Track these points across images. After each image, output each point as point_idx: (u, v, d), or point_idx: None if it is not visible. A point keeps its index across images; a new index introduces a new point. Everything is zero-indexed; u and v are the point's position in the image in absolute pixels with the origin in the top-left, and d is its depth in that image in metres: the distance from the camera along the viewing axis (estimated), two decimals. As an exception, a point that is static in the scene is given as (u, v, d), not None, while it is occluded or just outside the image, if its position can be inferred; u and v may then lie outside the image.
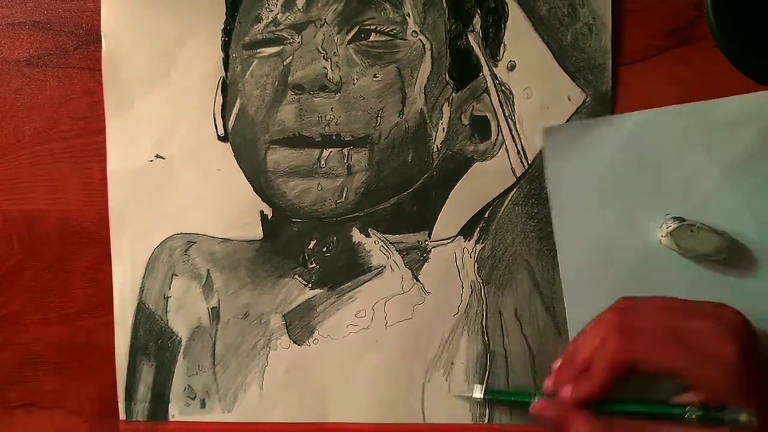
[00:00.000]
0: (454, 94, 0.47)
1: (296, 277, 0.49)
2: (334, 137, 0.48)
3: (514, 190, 0.47)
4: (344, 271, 0.49)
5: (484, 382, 0.48)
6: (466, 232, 0.48)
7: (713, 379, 0.36)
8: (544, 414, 0.41)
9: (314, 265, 0.49)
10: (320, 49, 0.47)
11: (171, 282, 0.50)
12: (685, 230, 0.44)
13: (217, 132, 0.49)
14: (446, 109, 0.47)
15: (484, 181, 0.47)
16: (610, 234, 0.46)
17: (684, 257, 0.45)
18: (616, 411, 0.39)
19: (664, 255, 0.45)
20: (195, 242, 0.50)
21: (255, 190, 0.49)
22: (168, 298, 0.50)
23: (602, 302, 0.41)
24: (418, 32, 0.47)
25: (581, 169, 0.46)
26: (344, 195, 0.48)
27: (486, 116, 0.47)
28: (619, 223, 0.46)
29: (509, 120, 0.47)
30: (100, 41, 0.49)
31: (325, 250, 0.49)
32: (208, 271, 0.50)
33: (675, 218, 0.45)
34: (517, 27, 0.46)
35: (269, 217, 0.49)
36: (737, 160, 0.45)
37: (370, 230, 0.49)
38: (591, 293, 0.46)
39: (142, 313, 0.50)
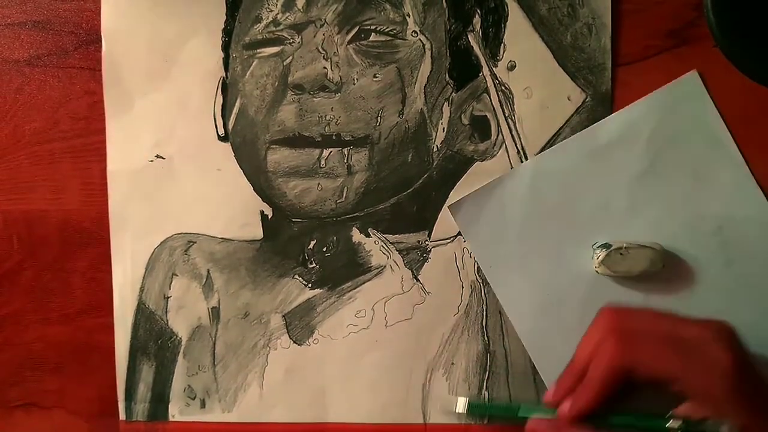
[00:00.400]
0: (454, 94, 0.47)
1: (296, 277, 0.49)
2: (334, 137, 0.48)
3: (514, 190, 0.47)
4: (344, 271, 0.49)
5: (484, 381, 0.48)
6: (466, 232, 0.48)
7: (710, 387, 0.36)
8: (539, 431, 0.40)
9: (314, 265, 0.49)
10: (320, 49, 0.47)
11: (171, 282, 0.50)
12: (615, 255, 0.44)
13: (217, 132, 0.49)
14: (446, 109, 0.47)
15: (483, 181, 0.47)
16: (548, 278, 0.47)
17: (626, 279, 0.45)
18: (615, 424, 0.38)
19: (607, 281, 0.46)
20: (195, 242, 0.50)
21: (255, 190, 0.49)
22: (168, 297, 0.50)
23: (563, 344, 0.42)
24: (418, 32, 0.47)
25: (499, 228, 0.47)
26: (344, 195, 0.48)
27: (486, 116, 0.47)
28: (553, 266, 0.47)
29: (509, 120, 0.47)
30: (100, 41, 0.49)
31: (325, 250, 0.49)
32: (208, 270, 0.50)
33: (602, 246, 0.45)
34: (517, 27, 0.47)
35: (269, 217, 0.49)
36: (638, 172, 0.46)
37: (370, 230, 0.49)
38: (550, 338, 0.47)
39: (142, 313, 0.50)
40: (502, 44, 0.47)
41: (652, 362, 0.36)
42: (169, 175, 0.50)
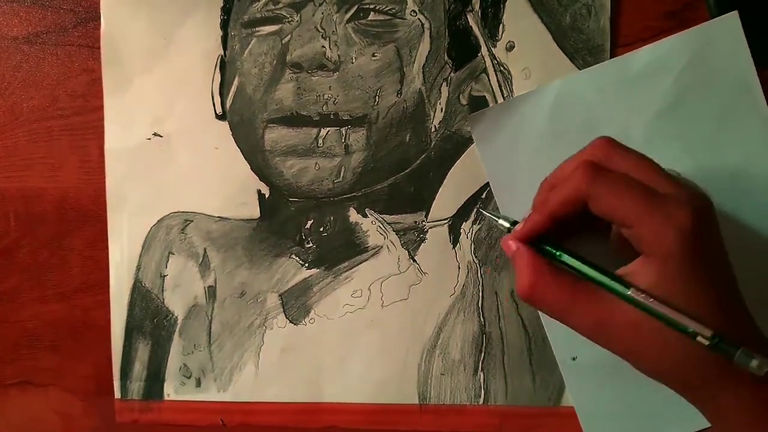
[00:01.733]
0: (452, 74, 0.47)
1: (293, 256, 0.49)
2: (332, 116, 0.48)
3: (512, 170, 0.47)
4: (341, 251, 0.49)
5: (480, 362, 0.48)
6: (463, 212, 0.48)
7: (663, 240, 0.32)
8: (505, 252, 0.37)
9: (311, 244, 0.49)
10: (319, 28, 0.47)
11: (168, 260, 0.50)
12: None
13: (215, 110, 0.49)
14: (444, 89, 0.47)
15: (481, 163, 0.47)
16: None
17: None
18: (566, 263, 0.36)
19: None
20: (192, 221, 0.50)
21: (252, 169, 0.49)
22: (164, 276, 0.50)
23: None
24: (417, 12, 0.47)
25: (514, 147, 0.46)
26: (342, 175, 0.48)
27: (484, 96, 0.47)
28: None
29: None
30: (99, 19, 0.49)
31: (322, 229, 0.49)
32: (204, 249, 0.50)
33: None
34: (516, 7, 0.46)
35: (266, 197, 0.49)
36: (661, 107, 0.45)
37: (367, 210, 0.49)
38: None
39: (138, 291, 0.50)
40: (501, 24, 0.47)
41: (613, 198, 0.33)
42: (166, 154, 0.50)
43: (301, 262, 0.49)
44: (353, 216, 0.49)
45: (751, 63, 0.45)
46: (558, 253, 0.36)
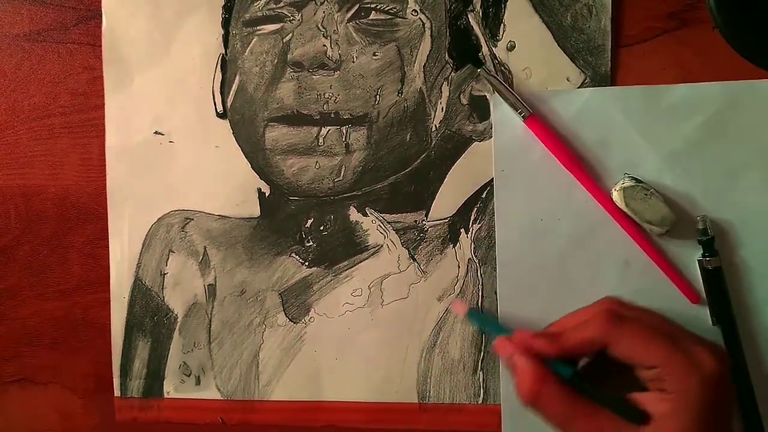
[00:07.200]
0: (453, 73, 0.47)
1: (293, 255, 0.49)
2: (332, 115, 0.48)
3: (512, 170, 0.47)
4: (341, 249, 0.49)
5: (479, 361, 0.48)
6: (463, 211, 0.48)
7: (687, 382, 0.34)
8: (499, 351, 0.39)
9: (311, 243, 0.49)
10: (320, 27, 0.47)
11: (168, 258, 0.50)
12: (639, 191, 0.44)
13: (215, 109, 0.49)
14: (445, 89, 0.47)
15: (481, 162, 0.47)
16: (551, 203, 0.46)
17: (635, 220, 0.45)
18: (578, 385, 0.37)
19: (603, 225, 0.46)
20: (192, 219, 0.50)
21: (253, 167, 0.49)
22: (165, 274, 0.50)
23: (534, 275, 0.45)
24: (418, 11, 0.47)
25: (531, 138, 0.46)
26: (342, 173, 0.48)
27: (485, 96, 0.47)
28: (562, 192, 0.46)
29: (508, 100, 0.47)
30: (101, 17, 0.49)
31: (322, 228, 0.49)
32: (205, 248, 0.50)
33: (633, 178, 0.45)
34: (517, 7, 0.46)
35: (267, 195, 0.49)
36: (678, 148, 0.46)
37: (367, 209, 0.49)
38: (526, 273, 0.47)
39: (138, 289, 0.50)
40: (502, 24, 0.47)
41: (637, 343, 0.35)
42: (167, 152, 0.50)
43: (301, 260, 0.49)
44: (353, 215, 0.49)
45: None
46: (570, 377, 0.37)
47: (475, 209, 0.48)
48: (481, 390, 0.48)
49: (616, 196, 0.45)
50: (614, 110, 0.46)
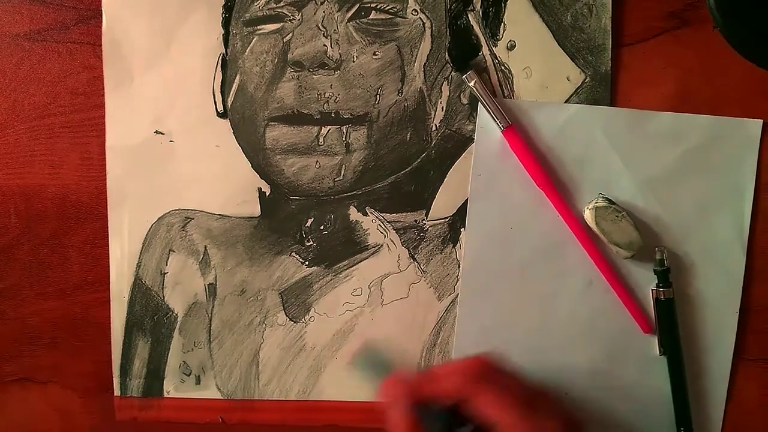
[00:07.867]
0: (453, 73, 0.47)
1: (293, 254, 0.49)
2: (332, 115, 0.48)
3: (512, 170, 0.47)
4: (341, 249, 0.49)
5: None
6: (463, 211, 0.48)
7: None
8: (384, 396, 0.40)
9: (311, 242, 0.49)
10: (320, 27, 0.47)
11: (168, 258, 0.50)
12: (611, 213, 0.45)
13: (216, 108, 0.49)
14: (445, 88, 0.47)
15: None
16: (521, 213, 0.47)
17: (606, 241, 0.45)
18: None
19: (564, 245, 0.46)
20: (193, 218, 0.50)
21: (253, 167, 0.49)
22: (165, 274, 0.50)
23: (494, 283, 0.45)
24: (419, 11, 0.47)
25: (506, 148, 0.46)
26: (342, 173, 0.48)
27: (485, 96, 0.47)
28: (535, 205, 0.46)
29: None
30: (101, 16, 0.49)
31: (322, 228, 0.49)
32: (205, 247, 0.50)
33: (607, 198, 0.45)
34: (517, 6, 0.47)
35: (267, 195, 0.49)
36: (655, 175, 0.46)
37: (367, 209, 0.49)
38: (488, 280, 0.48)
39: (138, 288, 0.50)
40: (502, 24, 0.47)
41: (490, 403, 0.36)
42: (167, 151, 0.50)
43: (301, 260, 0.49)
44: (353, 214, 0.49)
45: (753, 174, 0.46)
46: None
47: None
48: (481, 389, 0.48)
49: (588, 214, 0.45)
50: (597, 129, 0.46)
